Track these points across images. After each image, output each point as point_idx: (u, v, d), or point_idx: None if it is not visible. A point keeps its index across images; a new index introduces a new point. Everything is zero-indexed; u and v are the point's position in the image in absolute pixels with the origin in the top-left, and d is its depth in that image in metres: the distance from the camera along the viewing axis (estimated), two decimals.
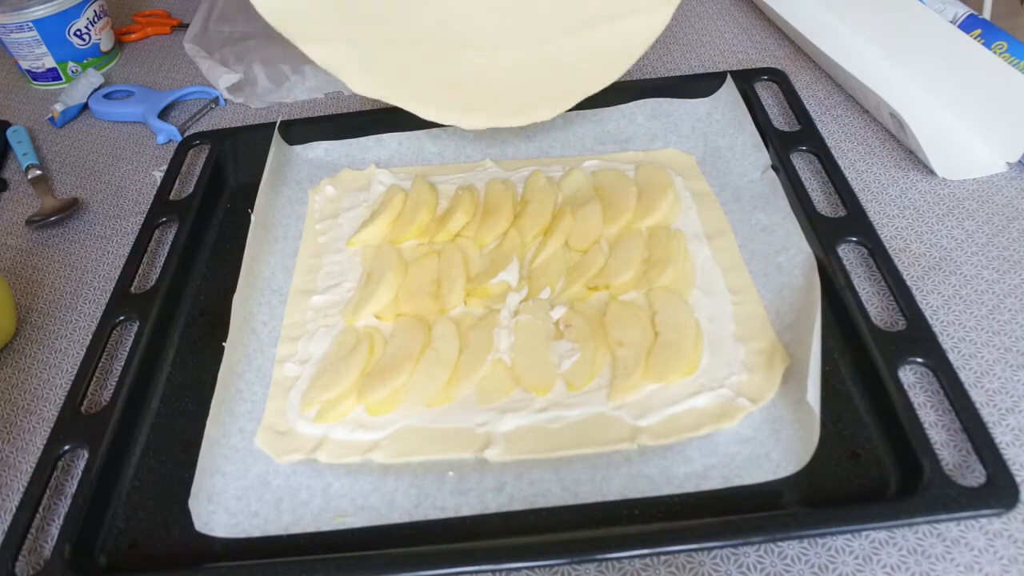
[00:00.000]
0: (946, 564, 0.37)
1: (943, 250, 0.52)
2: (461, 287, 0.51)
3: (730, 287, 0.50)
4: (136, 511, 0.43)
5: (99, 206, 0.65)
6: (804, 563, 0.38)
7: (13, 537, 0.40)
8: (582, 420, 0.44)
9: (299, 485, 0.42)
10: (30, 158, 0.70)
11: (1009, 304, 0.48)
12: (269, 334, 0.51)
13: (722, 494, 0.40)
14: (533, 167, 0.60)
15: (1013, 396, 0.43)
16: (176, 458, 0.45)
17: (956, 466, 0.40)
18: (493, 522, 0.40)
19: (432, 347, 0.48)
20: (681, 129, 0.62)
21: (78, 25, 0.78)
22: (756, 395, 0.43)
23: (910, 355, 0.43)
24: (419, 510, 0.41)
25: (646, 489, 0.40)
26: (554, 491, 0.41)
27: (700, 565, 0.38)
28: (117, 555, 0.41)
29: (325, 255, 0.56)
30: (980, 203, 0.54)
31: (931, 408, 0.43)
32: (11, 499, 0.45)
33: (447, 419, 0.44)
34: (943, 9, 0.64)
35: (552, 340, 0.48)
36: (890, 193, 0.56)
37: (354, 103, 0.72)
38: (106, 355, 0.50)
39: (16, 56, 0.79)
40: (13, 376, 0.52)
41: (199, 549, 0.40)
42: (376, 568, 0.37)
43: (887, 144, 0.60)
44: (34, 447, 0.47)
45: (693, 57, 0.73)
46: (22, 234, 0.63)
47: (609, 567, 0.39)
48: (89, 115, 0.76)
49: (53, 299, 0.57)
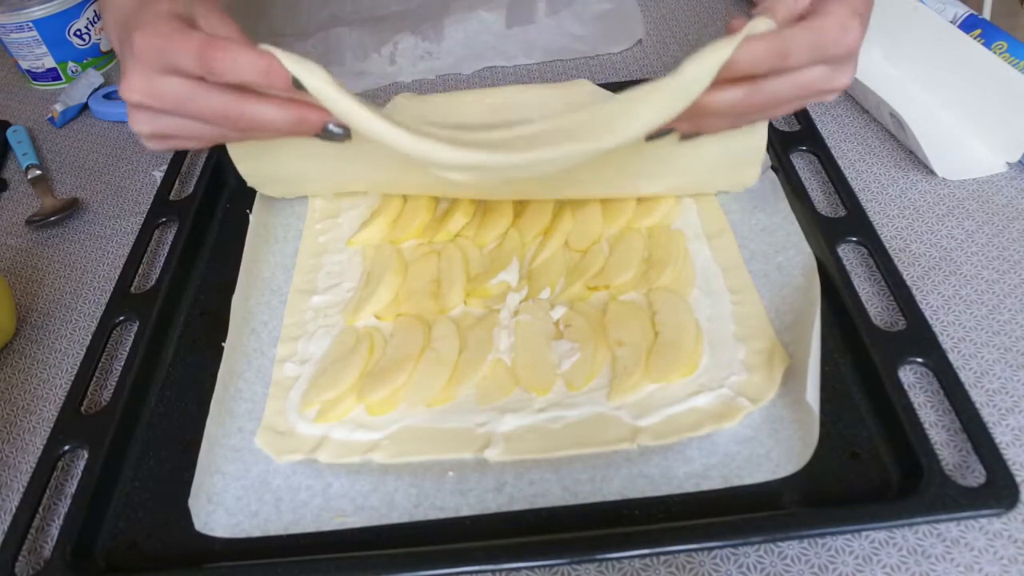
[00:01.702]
0: (946, 564, 0.37)
1: (943, 250, 0.52)
2: (461, 287, 0.51)
3: (730, 287, 0.50)
4: (136, 511, 0.43)
5: (99, 206, 0.65)
6: (804, 563, 0.38)
7: (13, 537, 0.40)
8: (582, 420, 0.43)
9: (299, 485, 0.42)
10: (30, 158, 0.70)
11: (1009, 304, 0.48)
12: (269, 334, 0.51)
13: (722, 494, 0.40)
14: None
15: (1013, 396, 0.43)
16: (176, 458, 0.44)
17: (956, 466, 0.40)
18: (493, 522, 0.40)
19: (432, 347, 0.48)
20: None
21: (78, 25, 0.78)
22: (756, 395, 0.43)
23: (910, 355, 0.43)
24: (419, 510, 0.41)
25: (646, 489, 0.40)
26: (554, 491, 0.41)
27: (700, 565, 0.38)
28: (117, 555, 0.41)
29: (325, 255, 0.56)
30: (980, 203, 0.54)
31: (931, 408, 0.43)
32: (11, 499, 0.45)
33: (447, 419, 0.44)
34: (943, 9, 0.64)
35: (552, 340, 0.48)
36: (890, 193, 0.56)
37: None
38: (106, 355, 0.50)
39: (16, 56, 0.79)
40: (13, 376, 0.52)
41: (199, 549, 0.40)
42: (376, 568, 0.37)
43: (887, 144, 0.60)
44: (34, 447, 0.47)
45: None
46: (22, 234, 0.63)
47: (609, 567, 0.39)
48: (89, 115, 0.76)
49: (53, 299, 0.57)
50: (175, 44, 0.39)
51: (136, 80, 0.40)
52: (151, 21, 0.40)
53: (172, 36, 0.39)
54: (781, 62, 0.40)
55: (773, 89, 0.42)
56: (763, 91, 0.42)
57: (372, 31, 0.76)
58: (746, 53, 0.39)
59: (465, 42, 0.75)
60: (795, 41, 0.40)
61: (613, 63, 0.74)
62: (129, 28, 0.41)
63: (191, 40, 0.39)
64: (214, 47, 0.39)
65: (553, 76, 0.73)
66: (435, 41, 0.75)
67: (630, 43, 0.75)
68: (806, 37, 0.40)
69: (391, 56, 0.75)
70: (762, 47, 0.40)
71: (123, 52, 0.42)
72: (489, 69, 0.75)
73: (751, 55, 0.40)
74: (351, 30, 0.76)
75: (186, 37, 0.39)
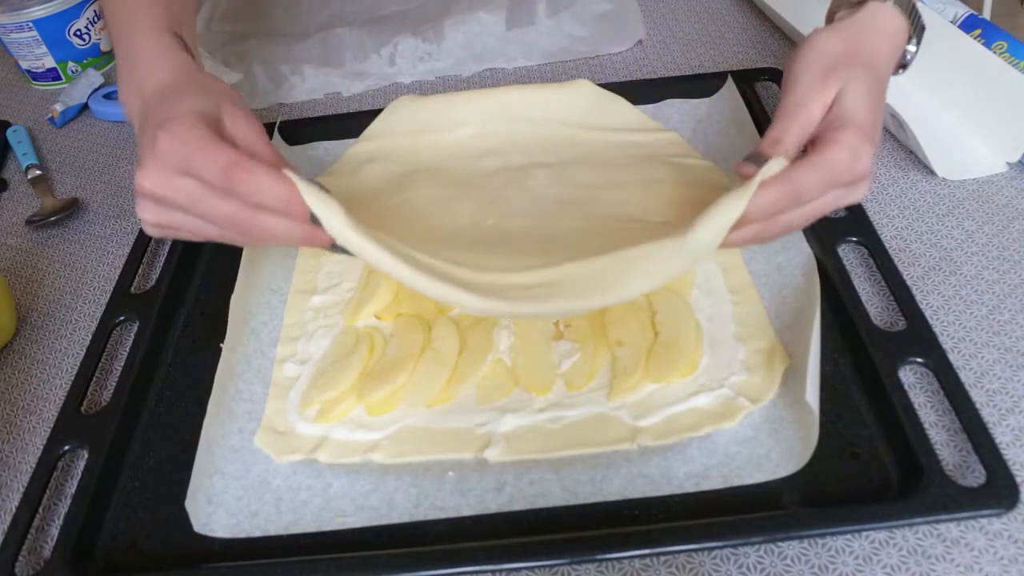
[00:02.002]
0: (946, 564, 0.37)
1: (943, 250, 0.52)
2: None
3: (730, 287, 0.50)
4: (136, 511, 0.43)
5: (99, 206, 0.65)
6: (804, 563, 0.38)
7: (13, 537, 0.40)
8: (582, 420, 0.43)
9: (299, 485, 0.42)
10: (30, 158, 0.70)
11: (1009, 304, 0.48)
12: (269, 334, 0.51)
13: (722, 494, 0.40)
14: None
15: (1013, 396, 0.43)
16: (176, 458, 0.44)
17: (956, 466, 0.40)
18: (493, 522, 0.40)
19: (432, 347, 0.48)
20: (681, 130, 0.62)
21: (78, 25, 0.78)
22: (756, 395, 0.43)
23: (910, 355, 0.43)
24: (419, 510, 0.41)
25: (646, 489, 0.40)
26: (554, 491, 0.41)
27: (700, 565, 0.38)
28: (117, 555, 0.41)
29: (325, 255, 0.56)
30: (980, 203, 0.54)
31: (931, 408, 0.43)
32: (11, 499, 0.45)
33: (447, 419, 0.44)
34: (943, 9, 0.64)
35: (552, 340, 0.48)
36: (890, 193, 0.56)
37: (353, 103, 0.72)
38: (106, 355, 0.50)
39: (16, 56, 0.79)
40: (13, 376, 0.52)
41: (199, 549, 0.40)
42: (376, 568, 0.37)
43: (887, 144, 0.60)
44: (34, 447, 0.47)
45: (693, 57, 0.73)
46: (22, 234, 0.63)
47: (609, 567, 0.39)
48: (89, 115, 0.76)
49: (53, 299, 0.57)
50: (200, 155, 0.38)
51: (153, 174, 0.39)
52: (177, 122, 0.39)
53: (198, 146, 0.38)
54: (794, 203, 0.40)
55: (787, 221, 0.41)
56: (777, 225, 0.41)
57: (372, 32, 0.76)
58: (758, 204, 0.39)
59: (465, 43, 0.75)
60: (806, 181, 0.39)
61: (614, 64, 0.74)
62: (152, 122, 0.41)
63: (218, 156, 0.38)
64: (240, 168, 0.38)
65: (554, 77, 0.73)
66: (435, 42, 0.75)
67: (630, 44, 0.75)
68: (818, 175, 0.40)
69: (391, 57, 0.75)
70: (773, 195, 0.39)
71: (143, 140, 0.41)
72: (489, 70, 0.75)
73: (763, 206, 0.39)
74: (351, 31, 0.76)
75: (213, 150, 0.38)
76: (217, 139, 0.39)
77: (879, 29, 0.46)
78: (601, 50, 0.75)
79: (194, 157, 0.39)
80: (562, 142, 0.60)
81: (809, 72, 0.44)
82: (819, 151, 0.40)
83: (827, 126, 0.42)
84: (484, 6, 0.76)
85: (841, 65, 0.43)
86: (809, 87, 0.43)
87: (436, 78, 0.75)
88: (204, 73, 0.47)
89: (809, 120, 0.43)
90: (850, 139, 0.40)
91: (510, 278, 0.43)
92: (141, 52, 0.47)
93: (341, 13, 0.80)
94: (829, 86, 0.43)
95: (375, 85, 0.74)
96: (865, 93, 0.43)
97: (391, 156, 0.60)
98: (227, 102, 0.43)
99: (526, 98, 0.62)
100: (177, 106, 0.41)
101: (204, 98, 0.42)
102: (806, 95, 0.43)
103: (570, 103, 0.62)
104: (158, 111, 0.42)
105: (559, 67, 0.74)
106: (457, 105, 0.62)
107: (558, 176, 0.57)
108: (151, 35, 0.47)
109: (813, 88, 0.43)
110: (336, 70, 0.74)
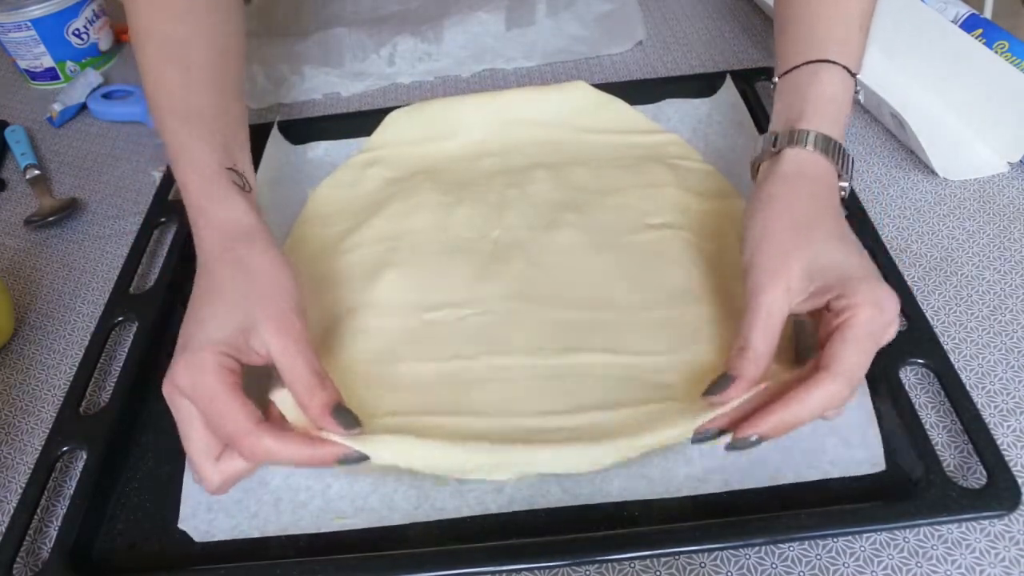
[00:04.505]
0: (947, 566, 0.37)
1: (944, 250, 0.51)
2: None
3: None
4: (135, 512, 0.42)
5: (98, 206, 0.65)
6: (805, 565, 0.38)
7: (11, 538, 0.40)
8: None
9: (298, 486, 0.42)
10: (28, 158, 0.69)
11: (1011, 305, 0.48)
12: None
13: (722, 496, 0.39)
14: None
15: (1015, 397, 0.43)
16: (175, 459, 0.44)
17: (957, 467, 0.40)
18: (493, 523, 0.40)
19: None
20: (681, 129, 0.62)
21: (76, 24, 0.77)
22: None
23: (911, 356, 0.43)
24: (419, 511, 0.41)
25: (646, 490, 0.40)
26: (554, 492, 0.40)
27: (700, 567, 0.38)
28: (116, 556, 0.41)
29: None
30: (981, 203, 0.54)
31: (932, 409, 0.43)
32: (9, 500, 0.45)
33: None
34: (944, 8, 0.64)
35: None
36: (891, 193, 0.56)
37: (353, 103, 0.72)
38: (105, 356, 0.50)
39: (14, 55, 0.79)
40: (11, 377, 0.52)
41: (198, 550, 0.40)
42: (376, 569, 0.37)
43: (888, 144, 0.60)
44: (32, 448, 0.47)
45: (693, 57, 0.73)
46: (20, 234, 0.63)
47: (609, 569, 0.39)
48: (88, 115, 0.76)
49: (51, 299, 0.57)
50: (209, 412, 0.38)
51: (167, 383, 0.39)
52: (195, 356, 0.38)
53: (207, 405, 0.38)
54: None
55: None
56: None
57: (372, 32, 0.76)
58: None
59: (465, 44, 0.75)
60: (806, 409, 0.37)
61: (614, 64, 0.73)
62: (184, 327, 0.41)
63: (224, 422, 0.37)
64: (245, 437, 0.37)
65: (553, 78, 0.73)
66: (434, 43, 0.75)
67: (631, 44, 0.75)
68: (816, 401, 0.36)
69: (390, 57, 0.75)
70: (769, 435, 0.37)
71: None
72: (489, 71, 0.75)
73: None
74: (351, 31, 0.76)
75: (220, 410, 0.38)
76: (227, 395, 0.38)
77: (810, 176, 0.43)
78: (601, 50, 0.75)
79: (203, 408, 0.38)
80: (561, 144, 0.61)
81: (762, 254, 0.41)
82: (817, 377, 0.37)
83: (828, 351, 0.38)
84: (484, 6, 0.76)
85: (796, 241, 0.41)
86: (768, 272, 0.40)
87: (435, 78, 0.74)
88: (255, 240, 0.44)
89: (772, 315, 0.39)
90: (845, 368, 0.36)
91: (530, 421, 0.43)
92: (193, 198, 0.45)
93: (340, 13, 0.80)
94: (790, 265, 0.40)
95: (374, 85, 0.74)
96: (840, 249, 0.40)
97: (391, 163, 0.61)
98: (261, 311, 0.40)
99: (524, 101, 0.62)
100: (204, 325, 0.40)
101: (238, 311, 0.40)
102: (766, 284, 0.40)
103: (567, 105, 0.62)
104: (189, 319, 0.41)
105: (559, 67, 0.74)
106: (454, 111, 0.62)
107: (558, 179, 0.57)
108: (204, 177, 0.45)
109: (771, 273, 0.40)
110: (335, 70, 0.74)
